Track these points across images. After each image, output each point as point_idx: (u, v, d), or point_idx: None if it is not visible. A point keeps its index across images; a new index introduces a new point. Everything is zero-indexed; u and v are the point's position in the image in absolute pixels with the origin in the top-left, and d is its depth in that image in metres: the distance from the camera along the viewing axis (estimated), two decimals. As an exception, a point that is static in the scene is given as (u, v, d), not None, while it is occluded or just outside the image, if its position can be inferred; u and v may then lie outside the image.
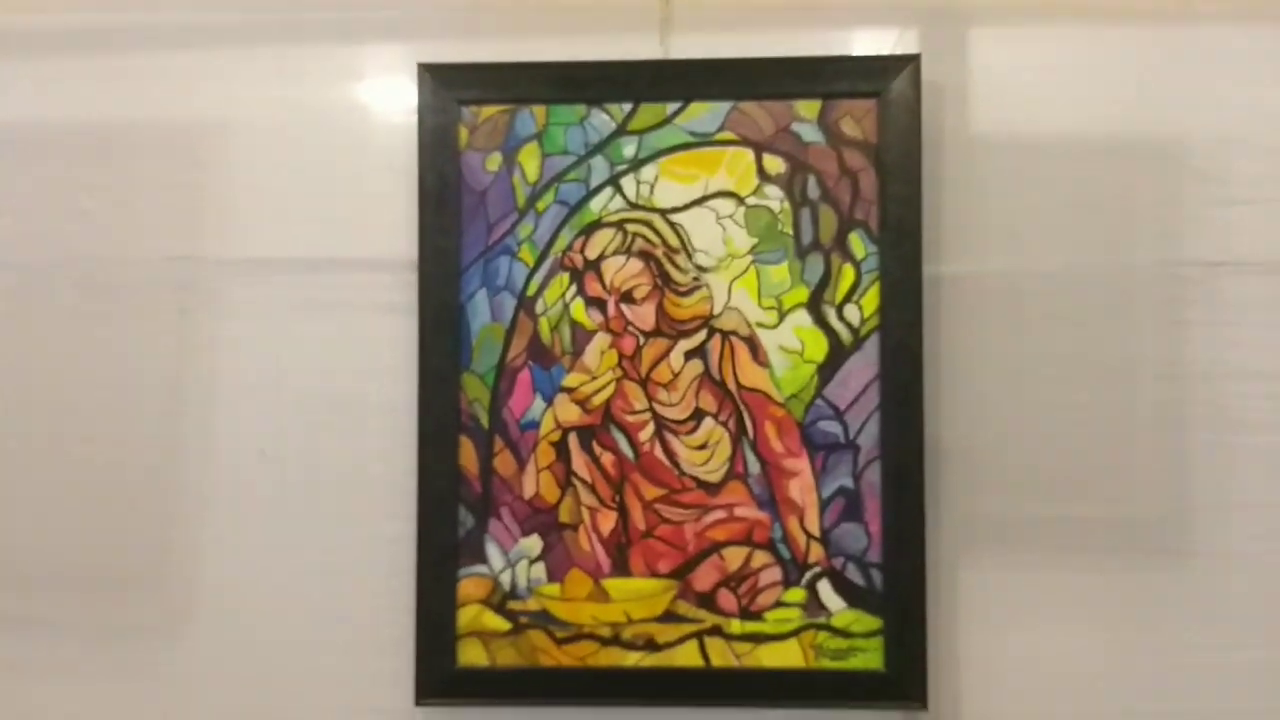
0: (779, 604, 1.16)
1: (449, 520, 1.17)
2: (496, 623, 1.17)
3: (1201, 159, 1.20)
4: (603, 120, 1.20)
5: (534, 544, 1.18)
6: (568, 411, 1.19)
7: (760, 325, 1.18)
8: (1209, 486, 1.18)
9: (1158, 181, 1.20)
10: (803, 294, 1.18)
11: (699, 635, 1.16)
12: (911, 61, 1.18)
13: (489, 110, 1.21)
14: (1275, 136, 1.19)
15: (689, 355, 1.18)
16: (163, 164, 1.25)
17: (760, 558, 1.17)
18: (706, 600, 1.17)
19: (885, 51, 1.22)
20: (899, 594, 1.15)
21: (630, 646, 1.17)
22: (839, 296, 1.18)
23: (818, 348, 1.17)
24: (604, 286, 1.19)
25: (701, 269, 1.19)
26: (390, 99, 1.24)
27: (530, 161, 1.20)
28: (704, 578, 1.17)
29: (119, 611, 1.23)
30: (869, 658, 1.15)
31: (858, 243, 1.18)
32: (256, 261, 1.23)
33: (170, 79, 1.26)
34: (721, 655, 1.16)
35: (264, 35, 1.26)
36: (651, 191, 1.20)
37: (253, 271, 1.23)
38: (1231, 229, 1.19)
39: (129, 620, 1.23)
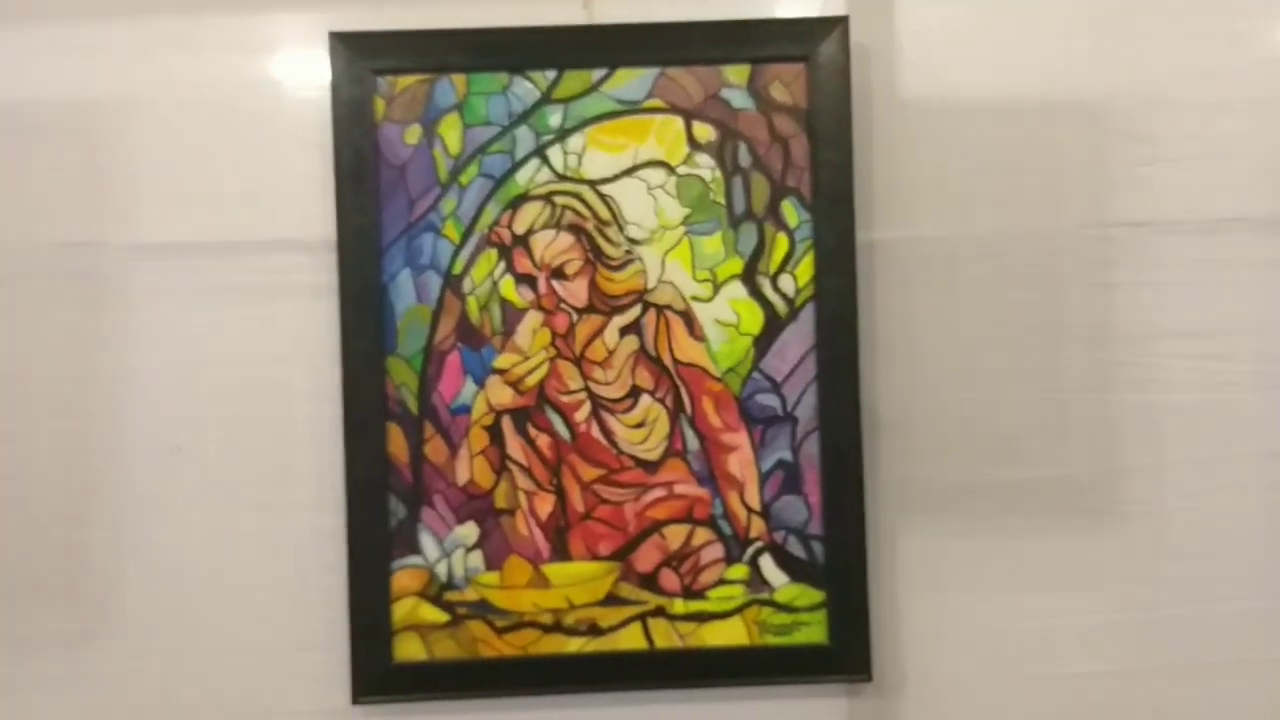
0: (722, 581, 1.15)
1: (380, 511, 1.13)
2: (434, 615, 1.14)
3: (1127, 119, 1.19)
4: (526, 89, 1.16)
5: (470, 532, 1.14)
6: (500, 394, 1.15)
7: (695, 298, 1.15)
8: (1139, 446, 1.18)
9: (1084, 142, 1.20)
10: (737, 265, 1.15)
11: (642, 617, 1.14)
12: (840, 24, 1.15)
13: (406, 80, 1.16)
14: (1198, 95, 1.19)
15: (624, 331, 1.15)
16: (59, 144, 1.17)
17: (701, 535, 1.15)
18: (649, 581, 1.15)
19: (813, 14, 1.19)
20: (840, 566, 1.14)
21: (573, 632, 1.14)
22: (773, 266, 1.16)
23: (753, 320, 1.15)
24: (534, 262, 1.15)
25: (634, 242, 1.16)
26: (301, 70, 1.18)
27: (451, 133, 1.16)
28: (645, 558, 1.15)
29: (33, 620, 1.16)
30: (812, 631, 1.15)
31: (790, 211, 1.16)
32: (163, 246, 1.17)
33: (65, 53, 1.18)
34: (665, 636, 1.15)
35: (164, 4, 1.18)
36: (580, 162, 1.16)
37: (160, 257, 1.17)
38: (1156, 189, 1.19)
39: (44, 629, 1.16)
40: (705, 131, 1.16)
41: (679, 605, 1.15)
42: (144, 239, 1.17)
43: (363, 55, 1.15)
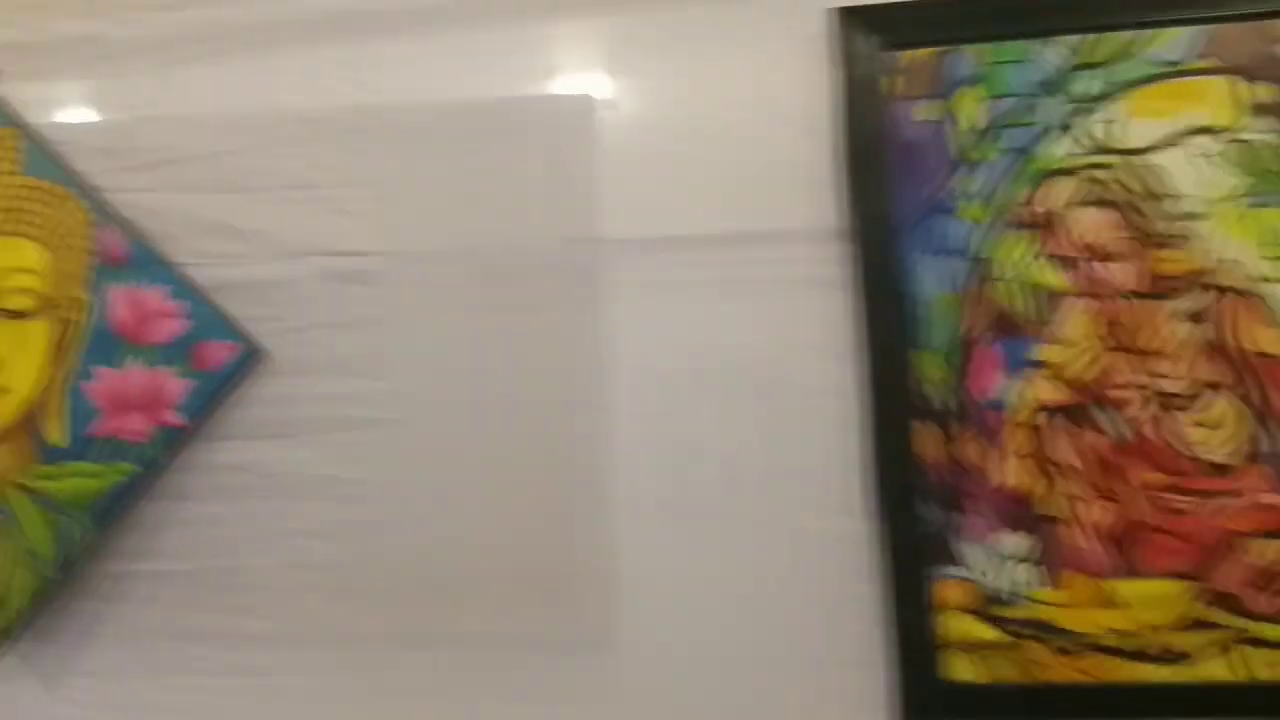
0: (1323, 606, 0.99)
1: (911, 516, 1.03)
2: (983, 631, 1.02)
3: None
4: (1053, 55, 1.05)
5: (1017, 541, 1.03)
6: (1041, 389, 1.03)
7: (1264, 279, 1.01)
8: None
9: None
10: (1311, 242, 1.00)
11: (1227, 643, 1.00)
12: None
13: (918, 54, 1.07)
14: None
15: (1182, 318, 1.02)
16: (549, 142, 1.15)
17: (1292, 552, 0.99)
18: (1232, 602, 1.00)
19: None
20: None
21: (1143, 658, 1.00)
22: (1354, 242, 1.00)
23: (1338, 304, 1.00)
24: (1071, 243, 1.04)
25: (1186, 217, 1.02)
26: (795, 52, 1.11)
27: (970, 107, 1.06)
28: (1226, 576, 1.00)
29: (527, 625, 1.11)
30: None
31: (1371, 180, 1.00)
32: (661, 240, 1.12)
33: (545, 52, 1.17)
34: (1260, 666, 0.99)
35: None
36: (1117, 131, 1.04)
37: (657, 251, 1.12)
38: None
39: (538, 635, 1.11)
40: (1263, 92, 1.02)
41: (1272, 631, 0.99)
42: (639, 233, 1.13)
43: (870, 30, 1.08)
